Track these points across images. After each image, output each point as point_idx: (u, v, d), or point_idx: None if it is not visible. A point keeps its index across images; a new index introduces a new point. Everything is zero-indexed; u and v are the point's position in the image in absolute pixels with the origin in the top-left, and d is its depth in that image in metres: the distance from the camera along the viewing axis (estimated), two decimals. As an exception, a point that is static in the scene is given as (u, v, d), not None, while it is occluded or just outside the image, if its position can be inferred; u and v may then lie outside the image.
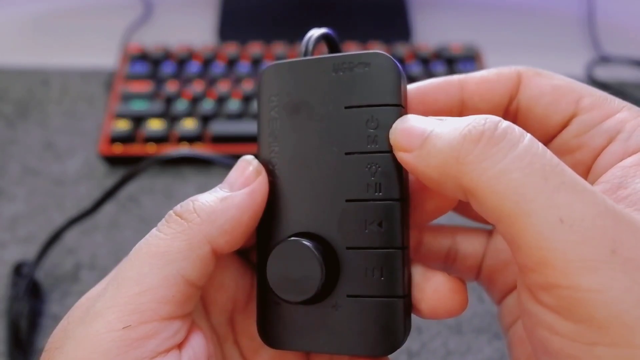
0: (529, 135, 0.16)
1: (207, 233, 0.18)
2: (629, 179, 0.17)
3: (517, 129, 0.16)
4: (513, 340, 0.22)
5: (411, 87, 0.21)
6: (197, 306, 0.21)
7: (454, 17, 0.67)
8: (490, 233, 0.23)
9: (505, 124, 0.16)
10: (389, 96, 0.19)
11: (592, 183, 0.18)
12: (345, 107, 0.20)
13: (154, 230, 0.19)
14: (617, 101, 0.19)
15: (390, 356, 0.19)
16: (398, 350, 0.19)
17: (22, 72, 0.57)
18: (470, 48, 0.57)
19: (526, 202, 0.15)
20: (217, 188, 0.20)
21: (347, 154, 0.19)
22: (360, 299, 0.19)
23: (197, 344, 0.19)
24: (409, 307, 0.19)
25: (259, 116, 0.21)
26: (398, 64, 0.19)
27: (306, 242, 0.19)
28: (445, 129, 0.17)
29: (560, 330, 0.15)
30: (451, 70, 0.56)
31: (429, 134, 0.17)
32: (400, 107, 0.19)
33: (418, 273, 0.20)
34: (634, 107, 0.19)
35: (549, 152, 0.16)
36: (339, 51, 0.22)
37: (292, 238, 0.19)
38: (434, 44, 0.59)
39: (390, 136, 0.19)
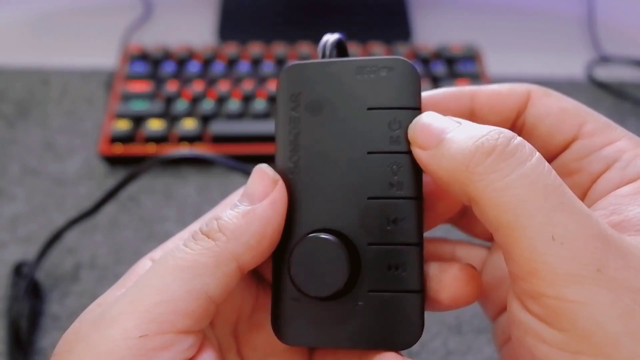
0: (537, 154, 0.17)
1: (234, 251, 0.18)
2: (623, 207, 0.18)
3: (527, 147, 0.17)
4: (505, 358, 0.23)
5: (425, 94, 0.22)
6: None
7: (454, 17, 0.67)
8: (489, 249, 0.24)
9: (518, 140, 0.17)
10: (412, 100, 0.20)
11: (587, 207, 0.19)
12: (368, 109, 0.20)
13: (180, 244, 0.19)
14: (618, 129, 0.20)
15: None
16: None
17: (22, 72, 0.57)
18: (470, 48, 0.57)
19: (525, 216, 0.16)
20: (237, 202, 0.20)
21: (369, 153, 0.20)
22: (382, 294, 0.19)
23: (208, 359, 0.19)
24: (424, 302, 0.20)
25: (277, 115, 0.21)
26: (417, 70, 0.20)
27: (331, 237, 0.19)
28: (461, 135, 0.18)
29: (547, 339, 0.16)
30: (451, 70, 0.56)
31: (445, 136, 0.18)
32: (421, 111, 0.20)
33: (433, 267, 0.20)
34: (634, 137, 0.20)
35: (553, 173, 0.16)
36: (348, 56, 0.23)
37: (316, 234, 0.20)
38: (434, 44, 0.59)
39: (409, 130, 0.19)
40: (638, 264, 0.15)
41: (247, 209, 0.19)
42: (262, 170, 0.20)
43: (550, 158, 0.21)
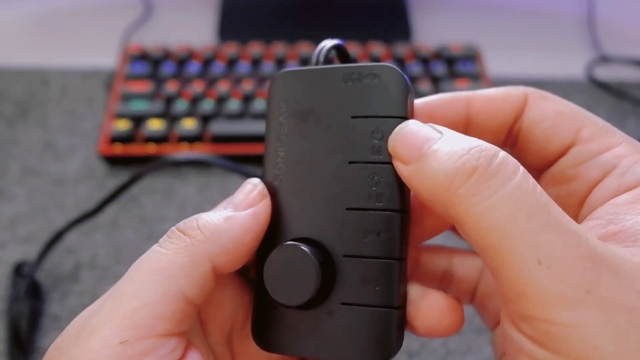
0: (521, 170, 0.16)
1: (210, 251, 0.18)
2: (620, 216, 0.17)
3: (511, 164, 0.16)
4: None
5: (420, 101, 0.21)
6: (194, 326, 0.21)
7: (454, 17, 0.67)
8: None
9: (500, 159, 0.16)
10: (395, 108, 0.19)
11: (585, 215, 0.19)
12: (352, 117, 0.20)
13: (155, 245, 0.19)
14: (617, 134, 0.19)
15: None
16: None
17: (22, 72, 0.57)
18: (470, 48, 0.57)
19: (509, 239, 0.15)
20: (221, 208, 0.20)
21: (350, 162, 0.20)
22: (355, 307, 0.19)
23: None
24: (402, 319, 0.19)
25: (267, 121, 0.21)
26: (406, 78, 0.20)
27: (304, 247, 0.19)
28: (442, 150, 0.17)
29: (539, 359, 0.15)
30: (451, 70, 0.56)
31: (426, 150, 0.17)
32: (406, 120, 0.19)
33: (415, 290, 0.20)
34: (633, 142, 0.19)
35: (538, 190, 0.16)
36: (350, 62, 0.22)
37: (290, 242, 0.19)
38: (434, 44, 0.59)
39: (389, 142, 0.19)
40: (631, 281, 0.15)
41: (230, 214, 0.19)
42: (253, 184, 0.20)
43: (547, 164, 0.21)
